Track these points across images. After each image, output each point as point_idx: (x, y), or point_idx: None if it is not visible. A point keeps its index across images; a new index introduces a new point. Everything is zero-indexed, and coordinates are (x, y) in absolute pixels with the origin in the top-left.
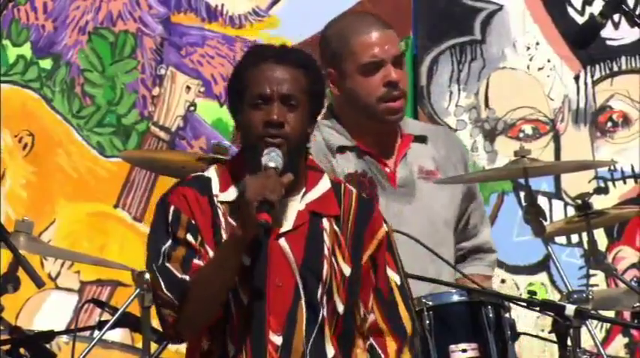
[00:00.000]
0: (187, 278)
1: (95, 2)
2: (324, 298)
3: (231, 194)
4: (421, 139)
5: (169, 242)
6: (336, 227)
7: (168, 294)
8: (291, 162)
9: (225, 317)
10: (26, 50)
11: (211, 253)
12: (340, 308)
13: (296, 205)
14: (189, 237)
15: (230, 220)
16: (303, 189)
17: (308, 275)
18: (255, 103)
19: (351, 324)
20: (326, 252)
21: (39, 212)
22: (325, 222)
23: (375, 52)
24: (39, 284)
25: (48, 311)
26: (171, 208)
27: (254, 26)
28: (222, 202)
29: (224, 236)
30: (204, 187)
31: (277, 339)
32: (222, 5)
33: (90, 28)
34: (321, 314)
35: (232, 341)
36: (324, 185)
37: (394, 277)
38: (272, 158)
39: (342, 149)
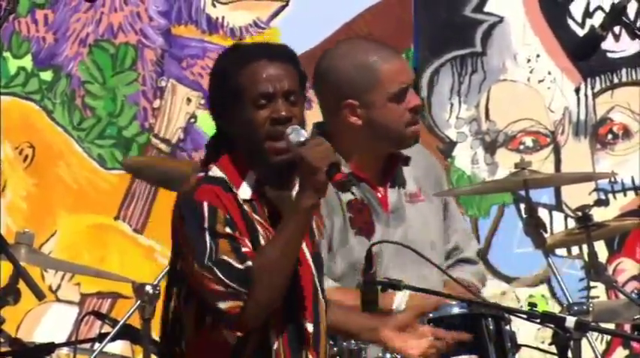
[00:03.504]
0: (250, 264)
1: (96, 14)
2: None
3: (247, 191)
4: (405, 161)
5: (210, 237)
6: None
7: (233, 285)
8: None
9: None
10: (27, 62)
11: (250, 246)
12: None
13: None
14: (229, 230)
15: (256, 217)
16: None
17: (317, 263)
18: (258, 103)
19: None
20: (317, 235)
21: (39, 224)
22: None
23: (403, 79)
24: (39, 296)
25: (48, 323)
26: (205, 205)
27: (254, 38)
28: (243, 200)
29: (260, 230)
30: (225, 186)
31: (310, 326)
32: (223, 17)
33: (90, 40)
34: (324, 299)
35: (272, 333)
36: None
37: None
38: (300, 133)
39: None
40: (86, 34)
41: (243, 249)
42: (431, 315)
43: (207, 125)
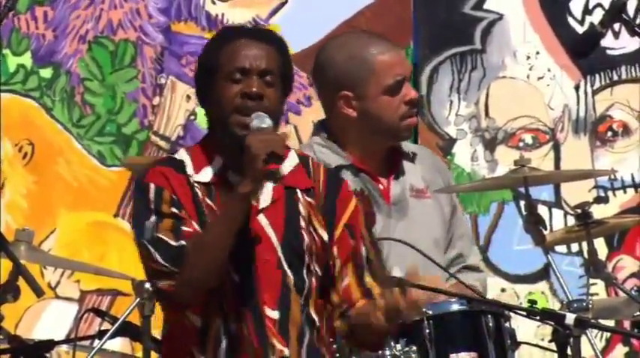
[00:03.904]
0: (184, 243)
1: (95, 11)
2: (309, 268)
3: (207, 175)
4: (411, 157)
5: (154, 217)
6: (308, 198)
7: (165, 264)
8: None
9: (219, 294)
10: (26, 59)
11: (197, 227)
12: (319, 273)
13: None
14: (174, 210)
15: (208, 201)
16: None
17: (289, 248)
18: (233, 78)
19: (327, 287)
20: (302, 223)
21: (39, 221)
22: (299, 194)
23: (398, 72)
24: (39, 293)
25: (48, 320)
26: (152, 186)
27: None
28: (197, 183)
29: (208, 214)
30: (180, 167)
31: (274, 313)
32: (223, 14)
33: (90, 37)
34: (307, 285)
35: (230, 318)
36: (293, 160)
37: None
38: (263, 120)
39: (339, 168)
40: (86, 30)
41: (184, 228)
42: (430, 312)
43: (206, 122)
